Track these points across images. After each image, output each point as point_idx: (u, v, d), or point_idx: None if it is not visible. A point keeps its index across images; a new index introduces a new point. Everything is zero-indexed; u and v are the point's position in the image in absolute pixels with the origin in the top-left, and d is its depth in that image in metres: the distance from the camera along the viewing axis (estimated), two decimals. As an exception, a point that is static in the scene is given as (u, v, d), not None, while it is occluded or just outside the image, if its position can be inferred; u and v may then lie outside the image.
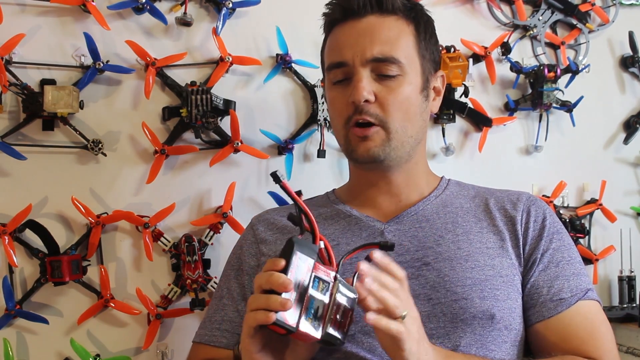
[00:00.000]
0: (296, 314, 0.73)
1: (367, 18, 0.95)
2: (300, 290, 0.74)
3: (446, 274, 0.90)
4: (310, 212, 0.80)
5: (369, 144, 0.94)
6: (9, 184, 1.20)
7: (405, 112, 0.94)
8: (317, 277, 0.75)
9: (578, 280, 0.94)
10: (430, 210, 0.99)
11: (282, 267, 0.74)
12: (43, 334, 1.21)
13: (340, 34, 0.97)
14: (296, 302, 0.73)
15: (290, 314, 0.72)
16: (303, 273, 0.74)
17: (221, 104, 1.25)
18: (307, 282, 0.74)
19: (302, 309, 0.73)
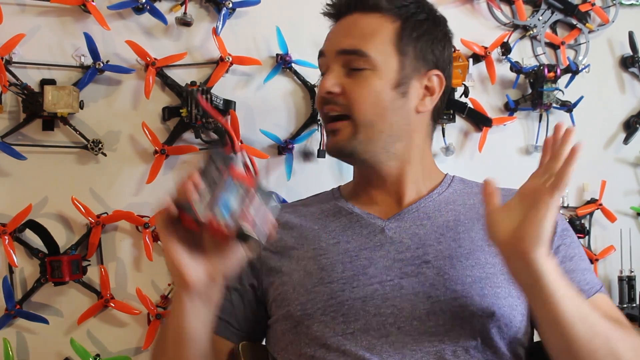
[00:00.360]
0: (207, 210, 0.77)
1: (352, 15, 0.99)
2: (213, 190, 0.78)
3: (446, 271, 0.90)
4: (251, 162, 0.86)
5: (336, 138, 0.97)
6: (9, 184, 1.21)
7: (373, 107, 0.95)
8: (234, 181, 0.80)
9: (591, 275, 0.96)
10: (432, 208, 0.99)
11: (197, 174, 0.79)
12: (43, 334, 1.21)
13: (331, 29, 1.03)
14: (207, 200, 0.77)
15: (199, 207, 0.77)
16: (216, 177, 0.79)
17: (221, 104, 1.25)
18: (221, 184, 0.79)
19: (214, 206, 0.78)
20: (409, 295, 0.89)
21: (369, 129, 0.95)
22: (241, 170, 0.82)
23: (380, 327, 0.88)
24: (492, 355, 0.89)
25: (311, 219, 1.02)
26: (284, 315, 0.94)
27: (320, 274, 0.93)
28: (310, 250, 0.97)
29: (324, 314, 0.90)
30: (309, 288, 0.92)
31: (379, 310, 0.89)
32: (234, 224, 0.78)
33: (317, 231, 0.99)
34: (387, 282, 0.91)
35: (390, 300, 0.89)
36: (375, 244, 0.95)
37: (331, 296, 0.91)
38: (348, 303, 0.90)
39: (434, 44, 1.00)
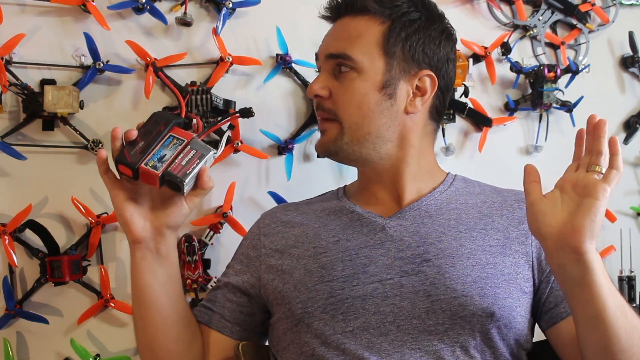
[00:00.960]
0: (140, 157, 0.86)
1: (343, 19, 1.01)
2: (149, 142, 0.87)
3: (447, 270, 0.90)
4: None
5: (324, 138, 1.00)
6: (9, 184, 1.21)
7: (359, 108, 0.96)
8: (172, 136, 0.88)
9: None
10: (434, 206, 0.99)
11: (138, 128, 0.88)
12: (43, 334, 1.21)
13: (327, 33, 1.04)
14: (141, 149, 0.86)
15: (133, 156, 0.86)
16: (156, 131, 0.87)
17: (221, 104, 1.25)
18: (158, 137, 0.87)
19: (147, 154, 0.86)
20: (409, 293, 0.89)
21: (355, 131, 0.96)
22: (182, 130, 0.89)
23: (380, 326, 0.88)
24: (491, 355, 0.89)
25: (313, 217, 1.02)
26: (285, 313, 0.94)
27: (320, 272, 0.93)
28: (311, 248, 0.97)
29: (324, 312, 0.90)
30: (310, 286, 0.93)
31: (378, 309, 0.89)
32: (162, 169, 0.85)
33: (318, 229, 0.99)
34: (387, 281, 0.91)
35: (390, 298, 0.89)
36: (376, 242, 0.95)
37: (331, 294, 0.91)
38: (348, 301, 0.90)
39: (425, 43, 0.98)
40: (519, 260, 0.94)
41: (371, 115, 0.96)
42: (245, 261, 1.03)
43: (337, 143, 0.97)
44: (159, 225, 0.90)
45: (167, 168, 0.85)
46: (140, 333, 0.96)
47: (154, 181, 0.86)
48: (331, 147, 0.98)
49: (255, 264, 1.01)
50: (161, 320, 0.93)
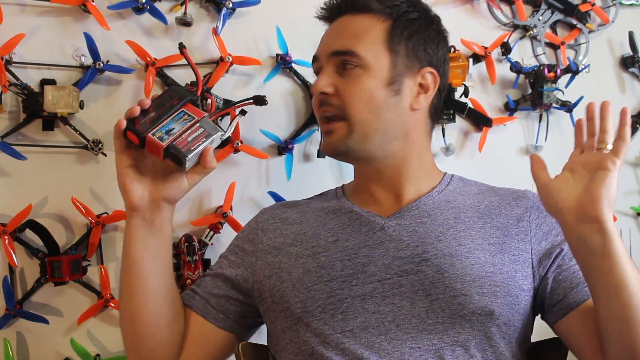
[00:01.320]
0: (148, 127, 0.88)
1: (343, 17, 1.01)
2: (160, 114, 0.89)
3: (446, 270, 0.90)
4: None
5: (332, 138, 0.98)
6: (9, 184, 1.21)
7: (366, 105, 0.96)
8: (184, 111, 0.90)
9: None
10: (432, 206, 0.99)
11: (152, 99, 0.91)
12: (43, 334, 1.21)
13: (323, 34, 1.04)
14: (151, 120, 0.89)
15: (142, 125, 0.88)
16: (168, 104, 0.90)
17: (221, 104, 1.25)
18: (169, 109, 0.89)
19: (156, 125, 0.88)
20: (409, 293, 0.90)
21: (363, 127, 0.96)
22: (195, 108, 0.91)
23: (380, 325, 0.88)
24: (491, 353, 0.89)
25: (311, 216, 1.02)
26: (284, 312, 0.94)
27: (319, 272, 0.93)
28: (309, 247, 0.97)
29: (323, 311, 0.90)
30: (309, 286, 0.93)
31: (378, 308, 0.89)
32: (167, 142, 0.87)
33: (317, 228, 0.99)
34: (386, 280, 0.91)
35: (389, 298, 0.90)
36: (375, 242, 0.95)
37: (330, 294, 0.91)
38: (347, 301, 0.90)
39: (426, 42, 1.00)
40: (518, 257, 0.94)
41: (379, 111, 0.96)
42: (240, 254, 1.03)
43: (346, 142, 0.97)
44: (157, 196, 0.93)
45: (172, 141, 0.88)
46: (124, 302, 0.97)
47: (159, 152, 0.88)
48: (340, 147, 0.98)
49: (251, 258, 1.01)
50: (146, 291, 0.94)
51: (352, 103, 0.96)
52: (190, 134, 0.89)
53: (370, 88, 0.96)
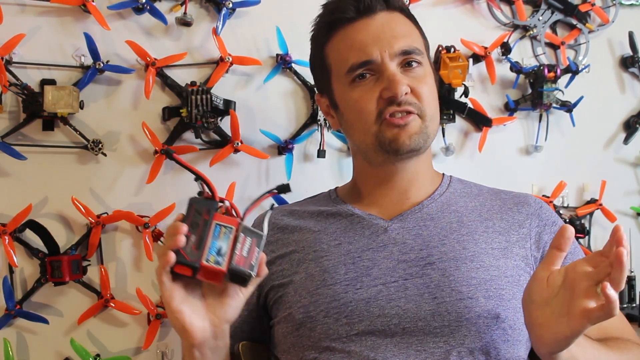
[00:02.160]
0: (198, 254, 0.77)
1: (379, 15, 0.97)
2: (201, 235, 0.78)
3: (451, 273, 0.90)
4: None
5: (409, 131, 0.94)
6: (9, 184, 1.21)
7: (435, 101, 0.97)
8: (219, 224, 0.80)
9: None
10: (435, 209, 0.99)
11: (180, 219, 0.79)
12: (43, 334, 1.21)
13: (354, 33, 0.97)
14: (196, 245, 0.78)
15: (191, 253, 0.77)
16: (200, 220, 0.79)
17: (221, 104, 1.25)
18: (206, 227, 0.79)
19: (204, 249, 0.78)
20: (414, 296, 0.89)
21: (434, 123, 0.97)
22: (223, 216, 0.81)
23: (385, 328, 0.88)
24: (496, 357, 0.89)
25: (310, 222, 1.02)
26: (286, 317, 0.94)
27: (322, 276, 0.93)
28: (312, 252, 0.96)
29: (327, 316, 0.90)
30: (312, 290, 0.92)
31: (383, 311, 0.89)
32: (226, 265, 0.78)
33: (318, 233, 0.99)
34: (391, 284, 0.90)
35: (394, 301, 0.89)
36: (379, 245, 0.94)
37: (334, 298, 0.90)
38: (352, 305, 0.90)
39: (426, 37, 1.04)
40: (520, 263, 0.94)
41: (437, 107, 0.99)
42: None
43: (423, 136, 0.95)
44: (218, 322, 0.82)
45: (230, 262, 0.79)
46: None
47: (218, 278, 0.79)
48: (420, 140, 0.95)
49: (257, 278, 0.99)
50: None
51: (426, 99, 0.95)
52: (242, 248, 0.80)
53: (432, 84, 0.98)
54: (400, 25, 0.97)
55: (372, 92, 0.94)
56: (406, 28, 0.98)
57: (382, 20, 0.96)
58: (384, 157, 0.97)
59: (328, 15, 1.00)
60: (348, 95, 0.97)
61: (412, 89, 0.94)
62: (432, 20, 1.35)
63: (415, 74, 0.95)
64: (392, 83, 0.93)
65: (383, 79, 0.94)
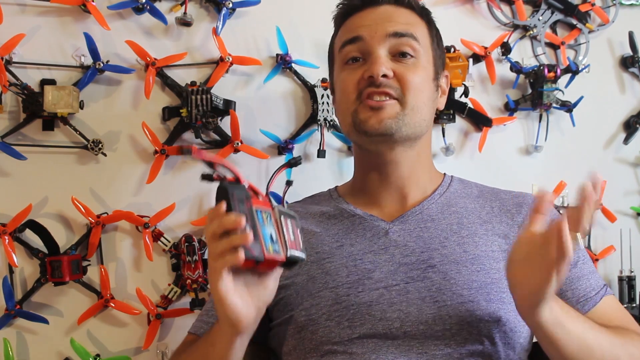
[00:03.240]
0: (257, 245, 0.74)
1: (384, 6, 0.98)
2: (250, 224, 0.75)
3: (452, 276, 0.90)
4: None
5: (382, 115, 0.93)
6: (9, 184, 1.21)
7: (421, 93, 0.96)
8: (258, 209, 0.77)
9: (596, 277, 0.96)
10: (435, 210, 0.99)
11: (225, 210, 0.74)
12: (43, 334, 1.21)
13: (355, 19, 0.99)
14: (254, 235, 0.74)
15: (253, 246, 0.74)
16: (245, 210, 0.76)
17: (221, 104, 1.25)
18: (252, 215, 0.76)
19: (260, 239, 0.75)
20: (416, 299, 0.89)
21: (415, 113, 0.95)
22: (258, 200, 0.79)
23: (387, 332, 0.88)
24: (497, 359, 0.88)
25: (312, 222, 1.01)
26: (287, 319, 0.94)
27: (324, 278, 0.93)
28: (313, 254, 0.96)
29: (329, 318, 0.90)
30: (313, 293, 0.92)
31: (384, 315, 0.88)
32: (283, 252, 0.77)
33: (319, 234, 0.98)
34: (392, 287, 0.90)
35: (396, 304, 0.89)
36: (380, 247, 0.94)
37: (336, 301, 0.90)
38: (354, 308, 0.89)
39: (442, 47, 1.04)
40: None
41: (426, 102, 0.97)
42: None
43: (397, 122, 0.94)
44: (261, 306, 0.81)
45: (285, 249, 0.77)
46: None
47: (275, 266, 0.78)
48: (393, 125, 0.93)
49: None
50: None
51: (411, 89, 0.94)
52: (287, 231, 0.79)
53: (424, 78, 0.97)
54: (403, 17, 0.98)
55: (357, 73, 0.96)
56: (409, 20, 0.98)
57: (385, 11, 0.98)
58: (359, 138, 0.97)
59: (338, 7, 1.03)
60: (339, 77, 1.00)
61: (398, 74, 0.94)
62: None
63: (405, 62, 0.96)
64: (373, 64, 0.94)
65: (369, 61, 0.95)
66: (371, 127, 0.94)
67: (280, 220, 0.79)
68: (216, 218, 0.74)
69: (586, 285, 0.94)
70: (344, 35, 1.00)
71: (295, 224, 0.81)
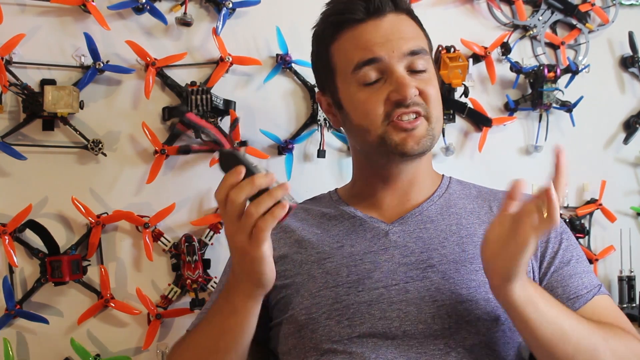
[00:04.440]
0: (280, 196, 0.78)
1: (388, 16, 0.95)
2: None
3: (451, 276, 0.90)
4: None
5: (417, 135, 0.93)
6: (9, 184, 1.21)
7: (440, 103, 0.97)
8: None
9: (589, 276, 0.95)
10: (435, 211, 0.99)
11: (244, 173, 0.79)
12: (43, 334, 1.21)
13: (362, 33, 0.95)
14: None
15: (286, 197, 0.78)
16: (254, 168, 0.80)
17: (221, 104, 1.25)
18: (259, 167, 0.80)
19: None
20: (415, 299, 0.89)
21: (438, 124, 0.96)
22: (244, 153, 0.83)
23: (386, 331, 0.88)
24: (496, 358, 0.89)
25: (312, 223, 1.01)
26: (287, 319, 0.94)
27: (325, 278, 0.93)
28: (314, 254, 0.96)
29: (328, 318, 0.90)
30: (314, 292, 0.92)
31: (384, 314, 0.89)
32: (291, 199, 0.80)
33: (320, 235, 0.99)
34: (392, 287, 0.91)
35: (396, 304, 0.89)
36: (380, 248, 0.95)
37: (336, 300, 0.91)
38: (353, 307, 0.90)
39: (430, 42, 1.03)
40: None
41: (442, 110, 0.99)
42: None
43: (430, 139, 0.94)
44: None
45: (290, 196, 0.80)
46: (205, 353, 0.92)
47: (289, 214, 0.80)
48: (427, 142, 0.94)
49: None
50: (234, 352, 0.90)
51: (432, 101, 0.95)
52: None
53: (437, 88, 0.97)
54: (408, 27, 0.97)
55: (380, 94, 0.93)
56: (413, 30, 0.97)
57: (391, 22, 0.95)
58: (388, 158, 0.96)
59: (336, 14, 0.98)
60: (355, 96, 0.95)
61: (420, 91, 0.94)
62: (432, 20, 1.34)
63: (422, 77, 0.95)
64: (402, 86, 0.91)
65: (391, 81, 0.93)
66: (410, 149, 0.93)
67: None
68: (244, 182, 0.78)
69: (578, 283, 0.93)
70: (357, 51, 0.94)
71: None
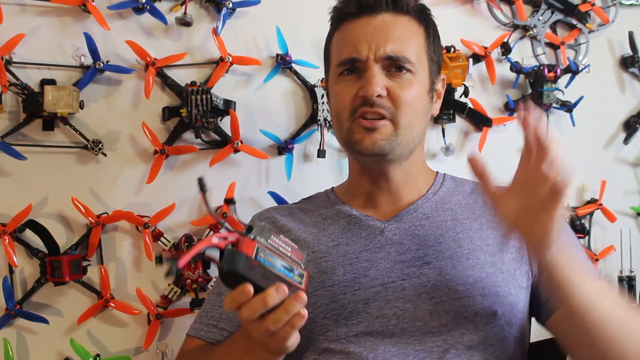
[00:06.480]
0: (294, 288, 0.73)
1: (382, 15, 0.96)
2: (275, 280, 0.72)
3: (447, 272, 0.90)
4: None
5: (375, 137, 0.94)
6: (9, 184, 1.21)
7: (415, 110, 0.95)
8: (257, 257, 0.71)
9: (589, 264, 0.96)
10: (430, 208, 0.99)
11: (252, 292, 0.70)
12: (43, 334, 1.21)
13: (353, 29, 0.97)
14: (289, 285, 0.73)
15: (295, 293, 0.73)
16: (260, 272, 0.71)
17: (221, 104, 1.25)
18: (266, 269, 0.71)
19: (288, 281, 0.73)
20: (412, 296, 0.89)
21: (408, 132, 0.95)
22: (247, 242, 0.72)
23: (384, 329, 0.88)
24: (493, 353, 0.89)
25: (309, 223, 1.02)
26: None
27: (321, 278, 0.93)
28: (310, 253, 0.96)
29: (325, 317, 0.90)
30: (310, 292, 0.92)
31: (381, 312, 0.89)
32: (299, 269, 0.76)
33: (316, 234, 0.99)
34: (389, 284, 0.91)
35: (392, 301, 0.89)
36: (375, 246, 0.95)
37: (333, 299, 0.91)
38: (350, 306, 0.90)
39: (441, 48, 1.03)
40: (516, 255, 0.94)
41: (420, 117, 0.97)
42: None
43: (391, 143, 0.94)
44: None
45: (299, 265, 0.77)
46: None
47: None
48: (386, 146, 0.94)
49: None
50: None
51: (403, 107, 0.94)
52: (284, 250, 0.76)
53: (417, 94, 0.96)
54: (399, 29, 0.96)
55: (351, 88, 0.95)
56: (405, 34, 0.96)
57: (382, 21, 0.96)
58: (353, 155, 0.99)
59: (338, 7, 1.01)
60: (334, 87, 0.99)
61: (391, 93, 0.94)
62: (432, 20, 1.36)
63: (401, 79, 0.94)
64: (367, 83, 0.93)
65: (364, 78, 0.94)
66: (365, 148, 0.94)
67: (270, 245, 0.73)
68: (255, 302, 0.71)
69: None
70: (343, 47, 0.97)
71: (273, 231, 0.74)
